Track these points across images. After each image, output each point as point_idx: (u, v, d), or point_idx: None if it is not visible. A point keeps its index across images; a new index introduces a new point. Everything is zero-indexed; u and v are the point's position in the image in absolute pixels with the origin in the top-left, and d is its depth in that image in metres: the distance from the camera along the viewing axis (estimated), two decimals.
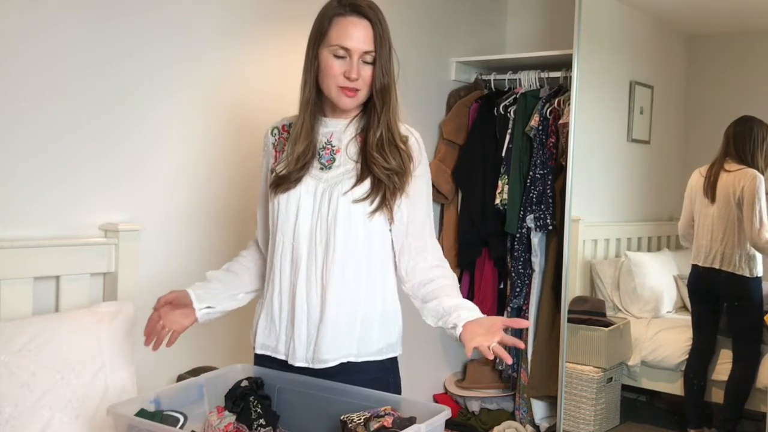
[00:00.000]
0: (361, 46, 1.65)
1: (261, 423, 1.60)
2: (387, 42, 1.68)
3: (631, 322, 3.63)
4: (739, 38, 3.64)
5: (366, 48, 1.65)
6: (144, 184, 2.37)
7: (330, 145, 1.73)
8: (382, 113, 1.69)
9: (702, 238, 3.37)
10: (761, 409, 3.16)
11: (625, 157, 3.80)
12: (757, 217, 3.19)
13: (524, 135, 3.45)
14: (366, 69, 1.66)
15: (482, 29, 3.91)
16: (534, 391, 3.49)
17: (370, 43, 1.66)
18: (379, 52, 1.66)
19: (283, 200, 1.71)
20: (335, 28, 1.66)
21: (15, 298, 2.00)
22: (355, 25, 1.66)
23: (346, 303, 1.68)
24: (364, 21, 1.66)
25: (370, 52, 1.66)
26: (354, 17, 1.66)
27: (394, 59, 1.71)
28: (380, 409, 1.53)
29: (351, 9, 1.67)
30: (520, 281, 3.45)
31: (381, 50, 1.66)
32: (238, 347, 2.67)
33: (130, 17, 2.30)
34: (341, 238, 1.66)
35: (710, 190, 3.33)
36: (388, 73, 1.69)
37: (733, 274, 3.27)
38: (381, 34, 1.66)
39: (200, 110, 2.53)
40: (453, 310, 1.63)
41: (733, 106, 3.64)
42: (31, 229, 2.08)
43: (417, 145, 1.75)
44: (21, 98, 2.06)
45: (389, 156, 1.68)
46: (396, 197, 1.70)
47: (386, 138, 1.69)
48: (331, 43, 1.66)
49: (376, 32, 1.66)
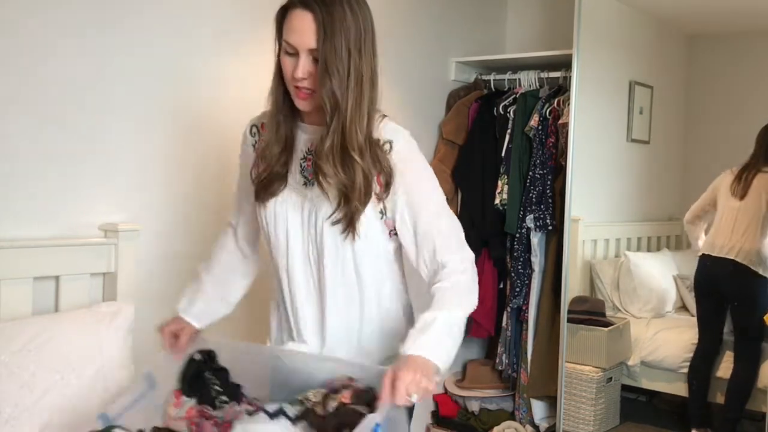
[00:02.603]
0: (303, 42, 1.49)
1: (223, 399, 1.53)
2: (342, 38, 1.49)
3: (630, 322, 3.63)
4: (739, 38, 3.64)
5: (309, 44, 1.49)
6: (144, 184, 2.37)
7: (311, 155, 1.60)
8: (332, 119, 1.51)
9: (721, 230, 3.37)
10: (762, 409, 3.16)
11: (625, 157, 3.80)
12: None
13: (524, 135, 3.44)
14: (316, 67, 1.51)
15: (482, 29, 3.91)
16: (534, 391, 3.48)
17: (313, 38, 1.48)
18: (323, 48, 1.47)
19: (271, 219, 1.65)
20: (285, 22, 1.53)
21: (15, 298, 1.99)
22: (299, 18, 1.50)
23: (344, 318, 1.65)
24: (307, 13, 1.49)
25: (315, 49, 1.49)
26: (298, 9, 1.50)
27: (357, 54, 1.52)
28: (335, 381, 1.47)
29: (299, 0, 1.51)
30: (519, 281, 3.45)
31: (325, 45, 1.47)
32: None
33: (129, 17, 2.29)
34: (330, 261, 1.60)
35: (742, 188, 3.33)
36: (338, 75, 1.49)
37: (744, 267, 3.26)
38: (326, 26, 1.47)
39: (200, 110, 2.53)
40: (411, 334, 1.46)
41: (733, 107, 3.65)
42: (31, 229, 2.08)
43: (404, 147, 1.58)
44: (21, 98, 2.05)
45: (341, 168, 1.51)
46: (357, 213, 1.55)
47: (337, 146, 1.51)
48: (283, 38, 1.53)
49: (318, 25, 1.47)
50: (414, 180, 1.59)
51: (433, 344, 1.43)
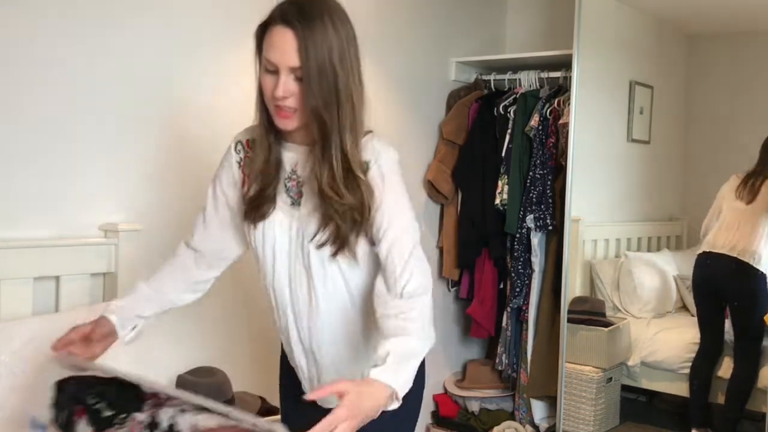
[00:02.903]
0: (284, 60, 1.42)
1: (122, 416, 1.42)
2: (325, 55, 1.41)
3: (630, 322, 3.63)
4: (739, 38, 3.64)
5: (291, 62, 1.41)
6: (144, 184, 2.37)
7: (296, 176, 1.56)
8: (323, 141, 1.45)
9: (724, 230, 3.36)
10: (762, 409, 3.16)
11: (625, 157, 3.80)
12: None
13: (524, 135, 3.44)
14: (298, 86, 1.44)
15: (482, 29, 3.91)
16: (534, 391, 3.48)
17: (294, 56, 1.41)
18: (307, 67, 1.40)
19: (259, 239, 1.60)
20: (265, 39, 1.46)
21: (15, 298, 1.99)
22: (280, 36, 1.42)
23: (341, 344, 1.61)
24: (288, 30, 1.41)
25: (296, 67, 1.41)
26: (280, 26, 1.43)
27: (342, 71, 1.44)
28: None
29: (279, 16, 1.44)
30: (519, 281, 3.45)
31: (309, 64, 1.40)
32: (238, 346, 2.67)
33: (127, 17, 2.29)
34: (320, 281, 1.56)
35: (748, 193, 3.33)
36: (322, 94, 1.42)
37: (746, 266, 3.26)
38: (310, 46, 1.40)
39: (201, 110, 2.53)
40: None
41: (733, 107, 3.65)
42: (31, 229, 2.08)
43: (379, 169, 1.50)
44: (21, 98, 2.06)
45: (345, 191, 1.46)
46: (359, 235, 1.51)
47: (339, 169, 1.46)
48: (263, 56, 1.46)
49: (300, 43, 1.40)
50: (388, 199, 1.52)
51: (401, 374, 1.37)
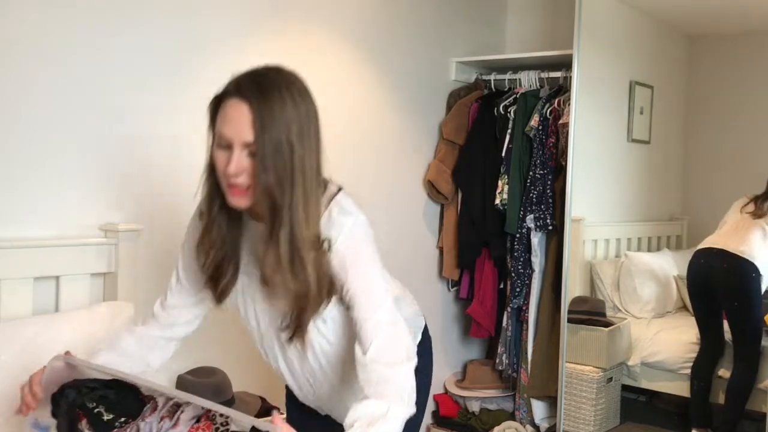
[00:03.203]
0: (238, 135, 1.34)
1: (122, 420, 1.41)
2: (282, 130, 1.33)
3: (631, 322, 3.63)
4: (739, 38, 3.64)
5: (244, 138, 1.34)
6: (144, 184, 2.37)
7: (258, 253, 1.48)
8: (273, 223, 1.37)
9: (723, 233, 3.36)
10: (762, 409, 3.16)
11: (625, 157, 3.79)
12: None
13: (524, 135, 3.44)
14: (252, 163, 1.35)
15: (482, 29, 3.91)
16: (534, 391, 3.48)
17: (249, 131, 1.33)
18: (261, 143, 1.32)
19: (241, 307, 1.59)
20: (219, 113, 1.39)
21: (15, 298, 2.00)
22: (234, 109, 1.35)
23: (334, 375, 1.61)
24: (243, 103, 1.34)
25: (250, 143, 1.34)
26: (234, 99, 1.36)
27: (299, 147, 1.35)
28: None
29: (234, 89, 1.37)
30: (520, 281, 3.45)
31: (263, 140, 1.32)
32: (239, 347, 2.67)
33: (127, 16, 2.29)
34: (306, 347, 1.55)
35: (756, 209, 3.32)
36: (276, 171, 1.33)
37: (737, 258, 3.25)
38: (264, 118, 1.33)
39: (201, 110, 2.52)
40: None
41: (734, 107, 3.65)
42: (31, 229, 2.08)
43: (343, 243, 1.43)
44: (21, 99, 2.06)
45: (290, 276, 1.38)
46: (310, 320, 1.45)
47: (286, 253, 1.37)
48: (216, 130, 1.40)
49: (256, 118, 1.33)
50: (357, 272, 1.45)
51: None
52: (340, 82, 3.05)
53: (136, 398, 1.43)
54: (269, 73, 1.40)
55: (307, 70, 1.51)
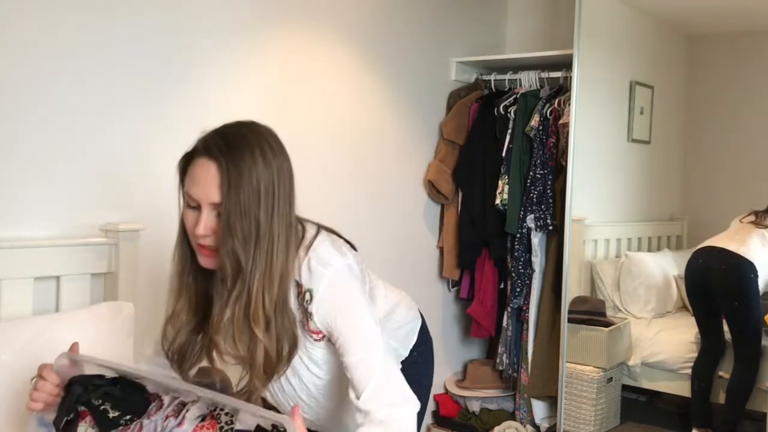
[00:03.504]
0: (206, 195, 1.32)
1: (127, 418, 1.39)
2: (250, 191, 1.30)
3: (631, 322, 3.63)
4: (739, 38, 3.64)
5: (212, 198, 1.32)
6: (144, 184, 2.36)
7: None
8: (234, 285, 1.33)
9: (723, 235, 3.36)
10: (762, 409, 3.16)
11: (625, 157, 3.79)
12: None
13: (524, 135, 3.44)
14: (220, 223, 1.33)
15: (482, 29, 3.91)
16: (534, 391, 3.48)
17: (216, 191, 1.31)
18: (228, 205, 1.30)
19: None
20: (188, 172, 1.37)
21: (15, 298, 1.99)
22: (202, 169, 1.33)
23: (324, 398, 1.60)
24: (211, 163, 1.32)
25: (217, 204, 1.32)
26: (203, 158, 1.34)
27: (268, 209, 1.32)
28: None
29: (203, 147, 1.35)
30: (520, 281, 3.45)
31: (229, 199, 1.30)
32: None
33: (128, 16, 2.29)
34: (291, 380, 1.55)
35: (758, 219, 3.32)
36: (242, 233, 1.30)
37: (736, 257, 3.25)
38: (233, 181, 1.29)
39: (200, 110, 2.53)
40: None
41: (734, 107, 3.65)
42: (31, 229, 2.08)
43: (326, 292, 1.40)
44: (21, 99, 2.05)
45: (236, 340, 1.36)
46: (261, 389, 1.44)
47: (239, 318, 1.34)
48: (185, 190, 1.38)
49: (223, 179, 1.30)
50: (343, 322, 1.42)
51: None
52: (340, 83, 3.05)
53: (141, 396, 1.42)
54: (241, 130, 1.37)
55: (308, 71, 1.51)
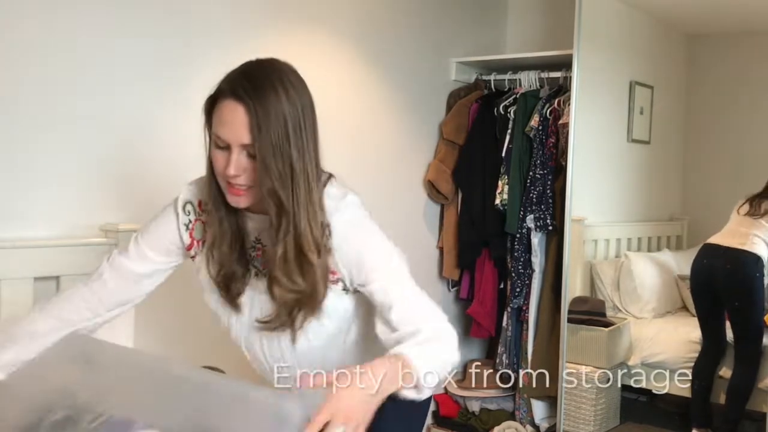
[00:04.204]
0: (236, 137, 1.33)
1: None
2: (279, 130, 1.31)
3: (631, 322, 3.63)
4: (739, 38, 3.64)
5: (242, 140, 1.33)
6: (144, 184, 2.36)
7: (260, 244, 1.49)
8: (280, 223, 1.36)
9: (725, 231, 3.36)
10: (762, 409, 3.16)
11: (625, 157, 3.79)
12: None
13: (524, 135, 3.44)
14: (251, 163, 1.35)
15: (482, 29, 3.91)
16: (534, 391, 3.48)
17: (246, 133, 1.32)
18: (260, 146, 1.31)
19: (233, 320, 1.57)
20: (215, 113, 1.38)
21: (15, 298, 1.99)
22: (230, 111, 1.34)
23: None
24: (238, 105, 1.32)
25: (249, 144, 1.33)
26: (230, 100, 1.34)
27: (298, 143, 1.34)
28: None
29: (229, 89, 1.35)
30: (520, 281, 3.45)
31: (261, 141, 1.31)
32: None
33: (129, 18, 2.29)
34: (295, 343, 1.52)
35: (753, 209, 3.31)
36: (279, 173, 1.32)
37: (741, 254, 3.25)
38: (262, 122, 1.31)
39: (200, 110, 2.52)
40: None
41: (734, 107, 3.65)
42: (31, 229, 2.08)
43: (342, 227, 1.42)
44: (21, 98, 2.05)
45: (297, 275, 1.38)
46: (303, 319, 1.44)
47: (292, 251, 1.37)
48: (213, 131, 1.38)
49: (252, 120, 1.31)
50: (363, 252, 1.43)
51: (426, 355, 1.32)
52: (340, 83, 3.05)
53: None
54: (263, 69, 1.38)
55: (308, 71, 1.51)
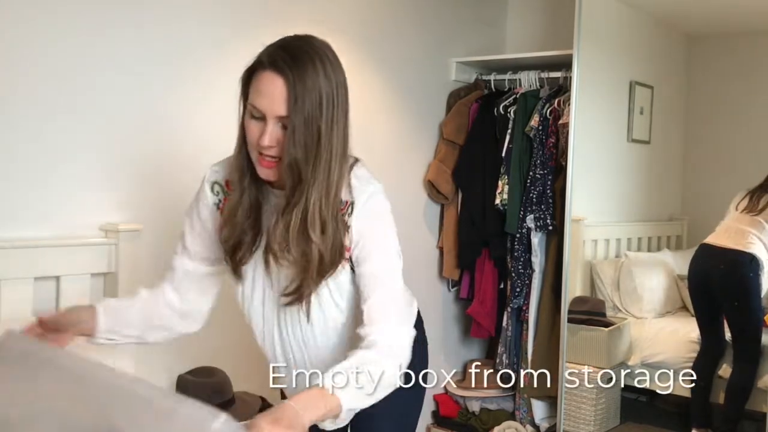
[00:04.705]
0: (273, 108, 1.36)
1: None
2: (315, 104, 1.35)
3: (631, 322, 3.63)
4: (739, 38, 3.64)
5: (279, 111, 1.35)
6: (144, 184, 2.37)
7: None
8: (293, 196, 1.39)
9: (723, 231, 3.36)
10: (762, 409, 3.16)
11: (625, 157, 3.79)
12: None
13: (524, 135, 3.44)
14: (285, 135, 1.37)
15: (482, 29, 3.91)
16: (534, 391, 3.49)
17: (283, 105, 1.35)
18: (294, 118, 1.34)
19: (249, 289, 1.59)
20: (253, 84, 1.40)
21: (15, 298, 1.99)
22: (269, 82, 1.36)
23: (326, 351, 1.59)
24: (278, 77, 1.35)
25: (285, 116, 1.35)
26: (269, 72, 1.36)
27: (329, 122, 1.38)
28: None
29: (269, 61, 1.37)
30: (520, 281, 3.45)
31: (296, 115, 1.34)
32: (239, 347, 2.67)
33: (124, 20, 2.29)
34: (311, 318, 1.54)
35: (753, 205, 3.31)
36: (305, 147, 1.36)
37: (739, 254, 3.25)
38: (299, 96, 1.34)
39: (200, 111, 2.53)
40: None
41: (734, 106, 3.65)
42: (31, 229, 2.08)
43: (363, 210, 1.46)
44: (21, 98, 2.06)
45: (295, 247, 1.41)
46: (311, 290, 1.46)
47: (296, 224, 1.39)
48: (249, 101, 1.40)
49: (290, 93, 1.34)
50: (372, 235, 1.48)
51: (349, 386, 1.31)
52: None
53: None
54: (303, 44, 1.40)
55: None
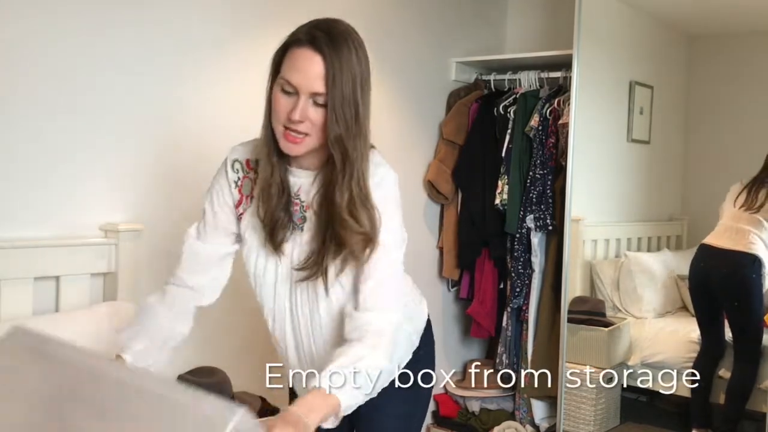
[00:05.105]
0: (308, 84, 1.39)
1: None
2: (350, 83, 1.40)
3: (631, 322, 3.63)
4: (739, 38, 3.64)
5: (315, 88, 1.38)
6: (144, 184, 2.37)
7: (299, 200, 1.53)
8: (344, 169, 1.43)
9: (723, 230, 3.36)
10: (762, 409, 3.16)
11: (625, 157, 3.79)
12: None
13: (524, 135, 3.44)
14: (317, 112, 1.40)
15: (482, 29, 3.91)
16: (534, 391, 3.49)
17: (320, 82, 1.38)
18: (333, 96, 1.38)
19: (261, 266, 1.58)
20: (287, 59, 1.42)
21: (15, 298, 2.00)
22: (306, 59, 1.39)
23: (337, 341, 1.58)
24: (316, 55, 1.39)
25: (320, 93, 1.39)
26: (307, 49, 1.40)
27: (361, 100, 1.42)
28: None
29: (307, 39, 1.41)
30: (520, 281, 3.45)
31: (334, 92, 1.38)
32: (239, 347, 2.67)
33: (127, 19, 2.30)
34: (323, 302, 1.55)
35: (751, 199, 3.31)
36: (346, 123, 1.40)
37: (739, 255, 3.25)
38: (337, 74, 1.38)
39: (200, 111, 2.53)
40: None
41: (734, 107, 3.65)
42: (31, 229, 2.08)
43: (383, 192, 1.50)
44: (20, 98, 2.06)
45: (363, 217, 1.45)
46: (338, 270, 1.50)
47: (359, 197, 1.45)
48: (281, 76, 1.42)
49: (328, 71, 1.38)
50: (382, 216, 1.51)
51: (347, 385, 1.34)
52: None
53: None
54: (337, 25, 1.45)
55: None
